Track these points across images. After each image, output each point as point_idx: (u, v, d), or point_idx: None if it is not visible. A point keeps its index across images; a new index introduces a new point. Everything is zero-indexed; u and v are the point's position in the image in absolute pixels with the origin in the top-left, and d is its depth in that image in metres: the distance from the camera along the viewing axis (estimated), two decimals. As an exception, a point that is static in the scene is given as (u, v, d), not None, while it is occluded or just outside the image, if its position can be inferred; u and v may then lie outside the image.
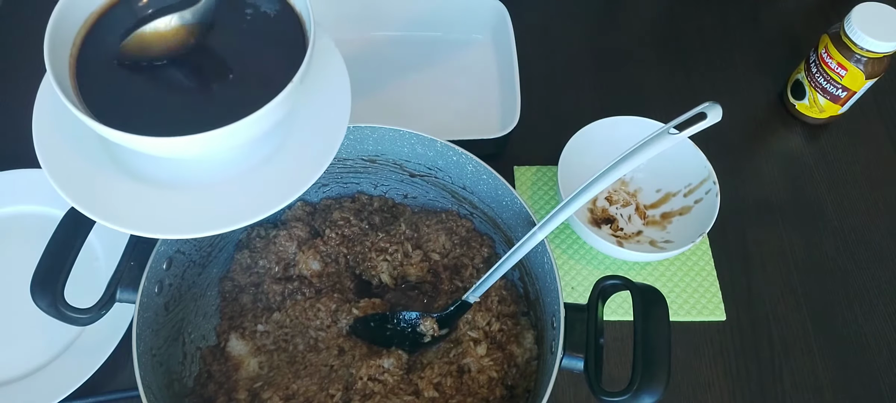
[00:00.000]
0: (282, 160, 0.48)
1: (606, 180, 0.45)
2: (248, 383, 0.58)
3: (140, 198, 0.46)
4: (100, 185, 0.46)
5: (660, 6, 0.96)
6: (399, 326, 0.60)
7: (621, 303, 0.70)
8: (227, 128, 0.41)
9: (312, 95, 0.50)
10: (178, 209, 0.46)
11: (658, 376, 0.47)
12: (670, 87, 0.87)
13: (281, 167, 0.48)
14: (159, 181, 0.47)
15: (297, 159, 0.48)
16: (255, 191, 0.47)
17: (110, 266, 0.59)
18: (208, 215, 0.46)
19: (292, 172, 0.47)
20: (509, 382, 0.58)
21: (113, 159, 0.48)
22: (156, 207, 0.46)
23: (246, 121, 0.41)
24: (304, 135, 0.49)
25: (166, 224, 0.45)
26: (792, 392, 0.66)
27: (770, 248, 0.75)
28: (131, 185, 0.47)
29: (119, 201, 0.46)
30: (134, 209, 0.46)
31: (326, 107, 0.50)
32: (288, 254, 0.64)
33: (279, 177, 0.47)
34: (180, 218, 0.46)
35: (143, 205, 0.46)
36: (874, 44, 0.72)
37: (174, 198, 0.47)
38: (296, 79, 0.42)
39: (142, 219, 0.45)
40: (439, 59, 0.85)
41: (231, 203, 0.46)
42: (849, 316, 0.71)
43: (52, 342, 0.65)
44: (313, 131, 0.49)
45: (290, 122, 0.49)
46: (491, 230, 0.66)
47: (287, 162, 0.48)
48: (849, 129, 0.84)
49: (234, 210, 0.46)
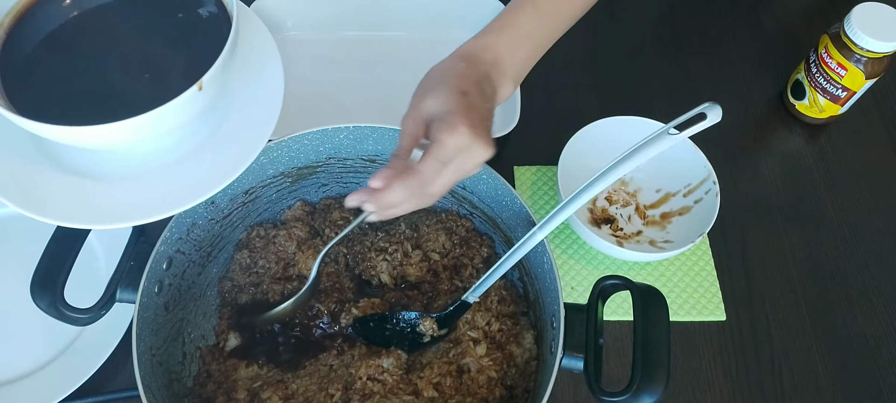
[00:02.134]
0: (216, 145, 0.49)
1: (606, 180, 0.45)
2: (247, 383, 0.58)
3: (70, 190, 0.47)
4: (29, 179, 0.47)
5: (660, 6, 0.96)
6: (398, 326, 0.60)
7: (621, 303, 0.70)
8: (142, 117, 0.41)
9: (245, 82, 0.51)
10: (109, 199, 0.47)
11: (658, 376, 0.47)
12: (670, 87, 0.87)
13: (213, 154, 0.49)
14: (91, 173, 0.48)
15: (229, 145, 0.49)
16: (185, 178, 0.48)
17: (110, 266, 0.59)
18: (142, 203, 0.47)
19: (225, 158, 0.49)
20: (509, 382, 0.58)
21: (46, 154, 0.49)
22: (86, 198, 0.47)
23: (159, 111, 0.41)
24: (236, 123, 0.50)
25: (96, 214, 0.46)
26: (792, 392, 0.66)
27: (770, 248, 0.75)
28: (62, 178, 0.48)
29: (49, 193, 0.47)
30: (63, 200, 0.47)
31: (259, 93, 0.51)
32: (287, 254, 0.64)
33: (211, 164, 0.48)
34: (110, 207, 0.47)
35: (73, 197, 0.47)
36: (874, 44, 0.72)
37: (105, 189, 0.48)
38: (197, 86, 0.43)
39: (70, 210, 0.46)
40: (439, 59, 0.85)
41: (161, 191, 0.47)
42: (849, 316, 0.71)
43: (52, 342, 0.65)
44: (245, 118, 0.50)
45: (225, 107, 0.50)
46: (491, 230, 0.66)
47: (219, 148, 0.49)
48: (849, 129, 0.84)
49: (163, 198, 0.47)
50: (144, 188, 0.48)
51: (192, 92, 0.42)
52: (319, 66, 0.84)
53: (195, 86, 0.43)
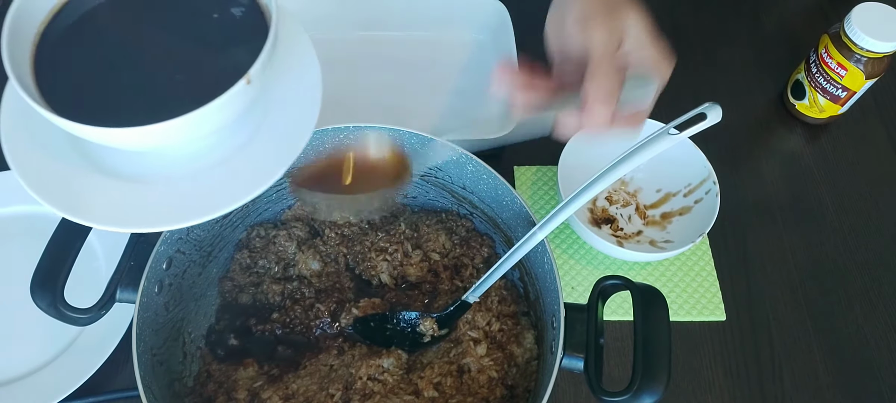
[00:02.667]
0: (258, 145, 0.48)
1: (606, 180, 0.45)
2: (247, 383, 0.58)
3: (110, 192, 0.46)
4: (68, 181, 0.46)
5: (660, 6, 0.95)
6: (399, 326, 0.60)
7: (621, 303, 0.70)
8: (188, 116, 0.40)
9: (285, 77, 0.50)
10: (149, 201, 0.46)
11: (658, 376, 0.47)
12: (670, 87, 0.87)
13: (257, 152, 0.48)
14: (129, 174, 0.47)
15: (268, 146, 0.48)
16: (226, 180, 0.47)
17: (110, 266, 0.59)
18: (184, 205, 0.46)
19: (265, 159, 0.47)
20: (509, 382, 0.58)
21: (83, 155, 0.48)
22: (125, 201, 0.46)
23: (207, 108, 0.41)
24: (275, 123, 0.49)
25: (136, 217, 0.45)
26: (792, 392, 0.66)
27: (770, 248, 0.75)
28: (100, 180, 0.47)
29: (88, 196, 0.46)
30: (103, 203, 0.46)
31: (297, 95, 0.51)
32: (287, 254, 0.64)
33: (251, 166, 0.47)
34: (151, 210, 0.46)
35: (113, 199, 0.46)
36: (874, 44, 0.72)
37: (144, 191, 0.47)
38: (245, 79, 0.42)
39: (111, 213, 0.45)
40: (439, 59, 0.85)
41: (202, 193, 0.46)
42: (849, 316, 0.71)
43: (52, 342, 0.65)
44: (284, 117, 0.49)
45: (265, 106, 0.49)
46: (491, 230, 0.66)
47: (263, 146, 0.48)
48: (849, 129, 0.84)
49: (205, 200, 0.46)
50: (185, 190, 0.47)
51: (240, 85, 0.42)
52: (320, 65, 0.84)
53: (243, 80, 0.42)
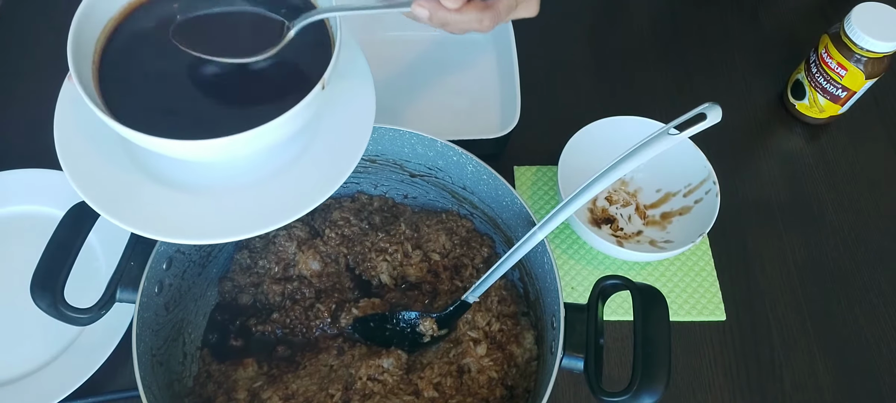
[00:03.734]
0: (308, 162, 0.48)
1: (606, 180, 0.45)
2: (247, 383, 0.58)
3: (166, 203, 0.46)
4: (124, 191, 0.46)
5: (660, 6, 0.96)
6: (398, 326, 0.60)
7: (621, 303, 0.70)
8: (251, 131, 0.40)
9: (338, 98, 0.50)
10: (205, 213, 0.45)
11: (658, 376, 0.47)
12: (670, 87, 0.87)
13: (307, 169, 0.47)
14: (184, 185, 0.47)
15: (323, 161, 0.48)
16: (282, 193, 0.46)
17: (110, 266, 0.59)
18: (235, 219, 0.45)
19: (319, 174, 0.47)
20: (509, 382, 0.58)
21: (137, 164, 0.47)
22: (182, 212, 0.45)
23: (270, 124, 0.40)
24: (330, 137, 0.49)
25: (194, 228, 0.45)
26: (792, 392, 0.66)
27: (770, 248, 0.75)
28: (156, 190, 0.46)
29: (145, 207, 0.45)
30: (161, 215, 0.45)
31: (352, 110, 0.50)
32: (287, 255, 0.64)
33: (306, 180, 0.47)
34: (207, 222, 0.45)
35: (169, 210, 0.45)
36: (874, 44, 0.72)
37: (200, 203, 0.46)
38: (320, 84, 0.42)
39: (169, 225, 0.45)
40: (439, 59, 0.85)
41: (258, 206, 0.46)
42: (849, 316, 0.71)
43: (52, 342, 0.65)
44: (339, 133, 0.49)
45: (317, 125, 0.49)
46: (491, 230, 0.66)
47: (314, 164, 0.48)
48: (849, 129, 0.84)
49: (261, 213, 0.45)
50: (239, 202, 0.46)
51: (316, 91, 0.42)
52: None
53: (318, 85, 0.42)
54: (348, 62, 0.51)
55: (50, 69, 0.54)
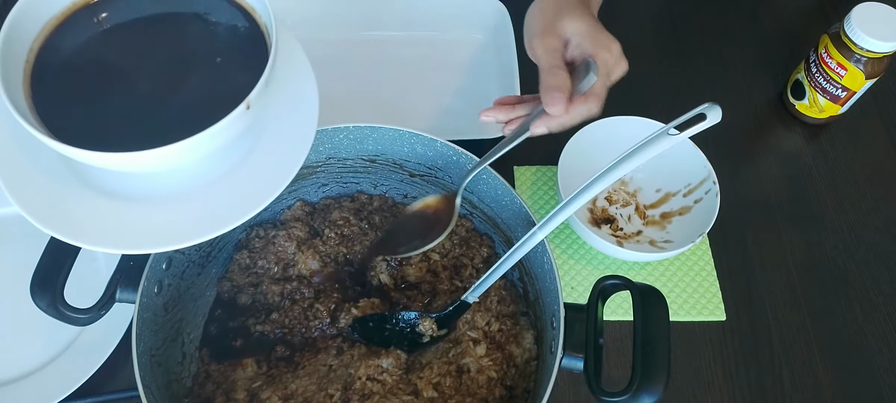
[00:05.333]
0: (252, 166, 0.47)
1: (606, 180, 0.45)
2: (246, 383, 0.58)
3: (107, 214, 0.45)
4: (64, 203, 0.45)
5: (660, 6, 0.96)
6: (398, 326, 0.60)
7: (621, 303, 0.70)
8: (188, 140, 0.39)
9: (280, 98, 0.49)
10: (146, 222, 0.45)
11: (658, 376, 0.47)
12: (670, 87, 0.87)
13: (252, 173, 0.47)
14: (126, 195, 0.46)
15: (267, 163, 0.47)
16: (225, 198, 0.46)
17: (110, 266, 0.59)
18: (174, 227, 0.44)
19: (264, 177, 0.46)
20: (509, 382, 0.58)
21: (76, 175, 0.46)
22: (124, 222, 0.45)
23: (207, 132, 0.40)
24: (273, 139, 0.48)
25: (136, 238, 0.44)
26: (792, 393, 0.66)
27: (770, 248, 0.75)
28: (97, 201, 0.45)
29: (86, 219, 0.44)
30: (102, 226, 0.44)
31: (295, 109, 0.49)
32: (287, 254, 0.64)
33: (250, 183, 0.46)
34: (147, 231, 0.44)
35: (111, 221, 0.45)
36: (874, 44, 0.72)
37: (141, 212, 0.45)
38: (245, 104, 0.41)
39: (111, 236, 0.44)
40: (439, 59, 0.85)
41: (198, 213, 0.45)
42: (849, 316, 0.71)
43: (52, 342, 0.65)
44: (283, 134, 0.48)
45: (259, 127, 0.48)
46: (491, 230, 0.66)
47: (258, 167, 0.47)
48: (849, 129, 0.84)
49: (205, 219, 0.45)
50: (181, 210, 0.45)
51: (240, 111, 0.41)
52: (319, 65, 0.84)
53: (243, 105, 0.41)
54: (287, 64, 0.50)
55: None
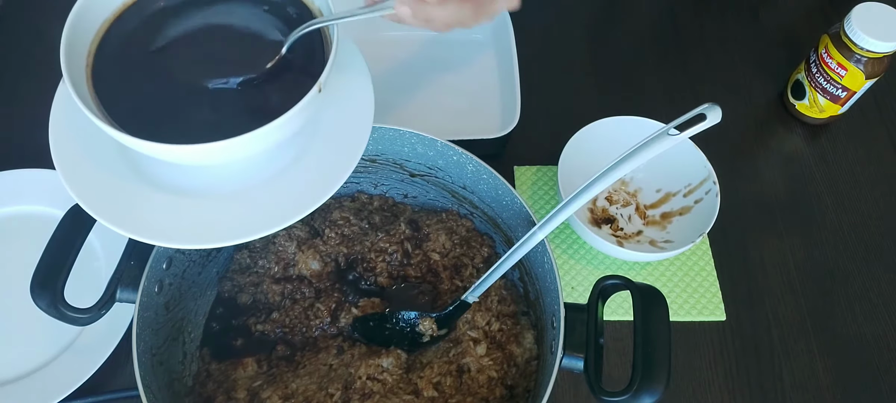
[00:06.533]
0: (307, 164, 0.47)
1: (606, 180, 0.45)
2: (247, 382, 0.58)
3: (164, 208, 0.45)
4: (122, 196, 0.45)
5: (660, 6, 0.96)
6: (398, 326, 0.60)
7: (621, 303, 0.70)
8: (248, 135, 0.40)
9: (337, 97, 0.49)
10: (204, 217, 0.45)
11: (658, 376, 0.47)
12: (670, 87, 0.87)
13: (306, 171, 0.47)
14: (182, 189, 0.46)
15: (323, 162, 0.47)
16: (282, 195, 0.46)
17: (110, 266, 0.59)
18: (234, 223, 0.44)
19: (319, 175, 0.46)
20: (509, 382, 0.58)
21: (134, 168, 0.47)
22: (180, 217, 0.45)
23: (267, 128, 0.40)
24: (329, 138, 0.48)
25: (192, 233, 0.44)
26: (792, 393, 0.66)
27: (770, 248, 0.75)
28: (154, 194, 0.46)
29: (143, 213, 0.45)
30: (159, 220, 0.44)
31: (351, 108, 0.49)
32: (287, 254, 0.64)
33: (306, 182, 0.46)
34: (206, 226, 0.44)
35: (167, 216, 0.45)
36: (874, 44, 0.72)
37: (199, 207, 0.45)
38: (317, 87, 0.42)
39: (167, 231, 0.44)
40: (439, 59, 0.85)
41: (257, 209, 0.45)
42: (849, 316, 0.71)
43: (52, 342, 0.65)
44: (339, 133, 0.48)
45: (315, 126, 0.48)
46: (491, 230, 0.66)
47: (313, 165, 0.47)
48: (849, 129, 0.84)
49: (260, 216, 0.45)
50: (238, 206, 0.45)
51: (312, 94, 0.41)
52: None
53: (315, 88, 0.41)
54: (346, 60, 0.51)
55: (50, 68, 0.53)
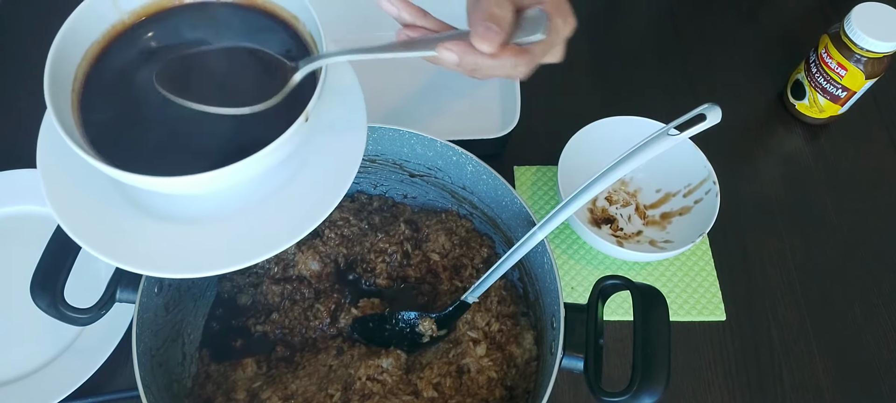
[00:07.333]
0: (304, 181, 0.46)
1: (606, 180, 0.45)
2: (246, 383, 0.58)
3: (155, 237, 0.44)
4: (113, 226, 0.44)
5: (660, 6, 0.96)
6: (398, 326, 0.60)
7: (621, 303, 0.70)
8: (236, 165, 0.39)
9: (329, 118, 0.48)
10: (196, 245, 0.44)
11: (658, 376, 0.47)
12: (670, 87, 0.87)
13: (299, 193, 0.46)
14: (174, 216, 0.45)
15: (313, 187, 0.46)
16: (273, 220, 0.45)
17: (110, 266, 0.59)
18: (226, 249, 0.44)
19: (310, 200, 0.46)
20: (509, 382, 0.58)
21: (123, 195, 0.46)
22: (174, 245, 0.44)
23: (254, 157, 0.39)
24: (320, 162, 0.47)
25: (186, 262, 0.43)
26: (792, 393, 0.66)
27: (770, 248, 0.75)
28: (145, 223, 0.45)
29: (134, 242, 0.44)
30: (151, 248, 0.44)
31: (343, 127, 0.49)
32: (287, 255, 0.64)
33: (299, 204, 0.46)
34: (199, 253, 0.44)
35: (160, 244, 0.44)
36: (874, 44, 0.72)
37: (191, 234, 0.44)
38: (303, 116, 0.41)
39: (160, 259, 0.43)
40: (439, 59, 0.85)
41: (249, 234, 0.44)
42: (849, 316, 0.71)
43: (52, 342, 0.65)
44: (329, 157, 0.47)
45: (306, 149, 0.48)
46: (491, 230, 0.66)
47: (303, 190, 0.46)
48: (849, 129, 0.84)
49: (252, 241, 0.44)
50: (232, 231, 0.45)
51: (299, 123, 0.40)
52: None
53: (302, 117, 0.40)
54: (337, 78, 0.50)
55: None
